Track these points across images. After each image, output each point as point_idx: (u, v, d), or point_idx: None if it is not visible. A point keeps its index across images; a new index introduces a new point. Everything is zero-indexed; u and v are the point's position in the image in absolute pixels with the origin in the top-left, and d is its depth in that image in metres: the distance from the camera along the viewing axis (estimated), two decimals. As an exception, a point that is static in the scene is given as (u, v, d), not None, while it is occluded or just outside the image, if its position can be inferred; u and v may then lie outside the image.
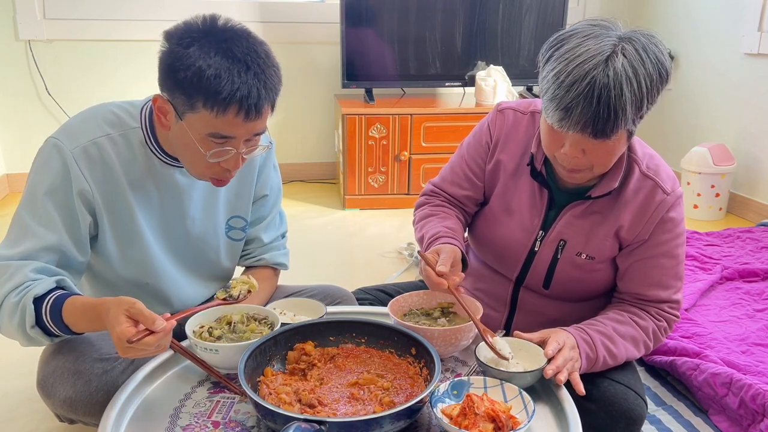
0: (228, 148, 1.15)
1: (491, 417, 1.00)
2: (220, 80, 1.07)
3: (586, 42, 1.12)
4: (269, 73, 1.13)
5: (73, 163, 1.19)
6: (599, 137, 1.14)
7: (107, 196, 1.24)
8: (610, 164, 1.24)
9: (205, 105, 1.09)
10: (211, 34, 1.11)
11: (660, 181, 1.30)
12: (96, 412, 1.19)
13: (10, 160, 3.48)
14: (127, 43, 3.42)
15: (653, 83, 1.13)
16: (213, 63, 1.08)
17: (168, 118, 1.17)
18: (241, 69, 1.09)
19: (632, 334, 1.31)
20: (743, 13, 3.16)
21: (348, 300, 1.52)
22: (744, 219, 3.23)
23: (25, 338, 1.17)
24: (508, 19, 3.40)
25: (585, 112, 1.11)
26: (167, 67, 1.11)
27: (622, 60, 1.10)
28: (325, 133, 3.78)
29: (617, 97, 1.10)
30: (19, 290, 1.14)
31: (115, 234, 1.27)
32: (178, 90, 1.11)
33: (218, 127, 1.11)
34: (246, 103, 1.09)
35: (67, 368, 1.22)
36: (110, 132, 1.23)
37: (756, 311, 2.07)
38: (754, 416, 1.52)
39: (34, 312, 1.13)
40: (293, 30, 3.58)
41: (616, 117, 1.11)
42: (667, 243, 1.32)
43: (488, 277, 1.50)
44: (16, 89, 3.37)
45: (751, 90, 3.16)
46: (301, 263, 2.67)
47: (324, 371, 1.15)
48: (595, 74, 1.09)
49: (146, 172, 1.26)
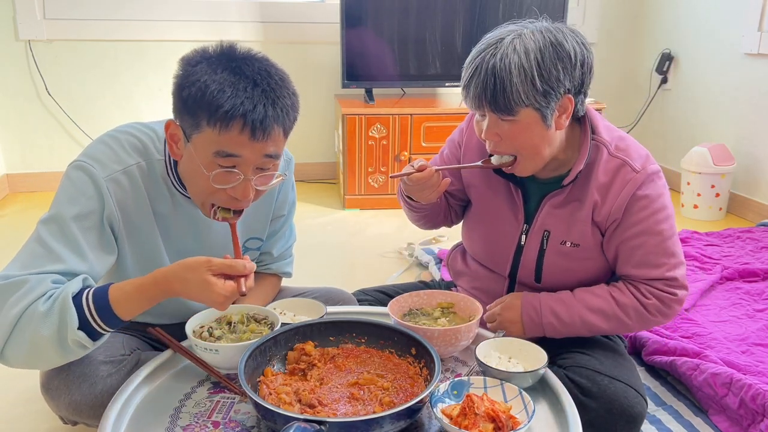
0: (234, 171, 1.09)
1: (491, 417, 1.00)
2: (223, 94, 1.03)
3: (491, 33, 1.26)
4: (280, 94, 1.08)
5: (106, 191, 1.14)
6: (499, 112, 1.23)
7: (133, 225, 1.21)
8: (533, 150, 1.28)
9: (208, 122, 1.05)
10: (223, 55, 1.08)
11: (629, 160, 1.31)
12: (100, 415, 1.18)
13: (10, 160, 3.48)
14: (127, 43, 3.42)
15: (544, 59, 1.20)
16: (218, 78, 1.04)
17: (179, 146, 1.14)
18: (248, 85, 1.05)
19: (601, 307, 1.33)
20: (743, 13, 3.16)
21: (349, 302, 1.52)
22: (744, 219, 3.23)
23: (60, 347, 1.04)
24: (508, 19, 3.37)
25: (477, 87, 1.23)
26: (176, 87, 1.08)
27: (514, 39, 1.22)
28: (325, 133, 3.78)
29: (502, 69, 1.19)
30: (48, 296, 1.04)
31: (137, 260, 1.24)
32: (184, 110, 1.07)
33: (222, 144, 1.06)
34: (250, 118, 1.04)
35: (71, 371, 1.20)
36: (139, 161, 1.19)
37: (756, 311, 2.07)
38: (754, 416, 1.52)
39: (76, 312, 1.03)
40: (293, 30, 3.58)
41: (503, 88, 1.20)
42: (646, 220, 1.31)
43: (484, 276, 1.52)
44: (16, 89, 3.37)
45: (751, 90, 3.16)
46: (301, 263, 2.67)
47: (324, 371, 1.15)
48: (485, 53, 1.23)
49: (168, 203, 1.24)
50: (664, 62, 3.68)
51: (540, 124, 1.24)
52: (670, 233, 1.33)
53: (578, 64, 1.23)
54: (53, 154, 3.48)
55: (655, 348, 1.80)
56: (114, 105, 3.46)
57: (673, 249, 1.33)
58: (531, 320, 1.35)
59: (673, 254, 1.33)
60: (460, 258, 1.61)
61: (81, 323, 1.04)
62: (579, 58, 1.23)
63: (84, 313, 1.04)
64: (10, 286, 1.04)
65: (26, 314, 1.03)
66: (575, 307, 1.34)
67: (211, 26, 3.45)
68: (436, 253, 2.54)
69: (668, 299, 1.33)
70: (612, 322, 1.34)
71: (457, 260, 1.62)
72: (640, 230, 1.31)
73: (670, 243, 1.32)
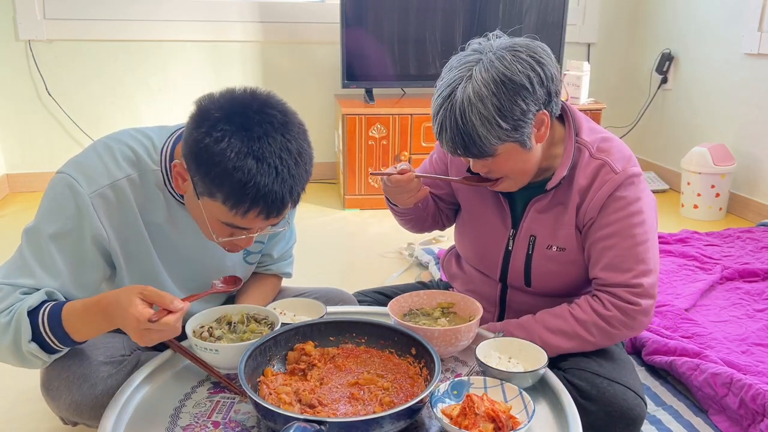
0: (241, 237, 1.13)
1: (491, 417, 1.00)
2: (246, 188, 1.02)
3: (448, 74, 1.23)
4: (298, 173, 1.07)
5: (91, 208, 1.13)
6: (477, 158, 1.25)
7: (124, 239, 1.20)
8: (522, 172, 1.29)
9: (225, 202, 1.05)
10: (245, 129, 1.03)
11: (610, 161, 1.30)
12: (100, 416, 1.19)
13: (10, 160, 3.48)
14: (127, 43, 3.42)
15: (502, 101, 1.18)
16: (242, 166, 1.01)
17: (185, 185, 1.13)
18: (271, 174, 1.03)
19: (560, 327, 1.32)
20: (743, 13, 3.16)
21: (349, 303, 1.53)
22: (744, 219, 3.22)
23: (18, 357, 1.11)
24: (508, 19, 3.40)
25: (449, 140, 1.23)
26: (193, 150, 1.05)
27: (466, 86, 1.19)
28: (325, 133, 3.78)
29: (465, 124, 1.20)
30: (9, 310, 1.09)
31: (132, 274, 1.24)
32: (201, 175, 1.05)
33: (235, 221, 1.08)
34: (267, 207, 1.05)
35: (72, 372, 1.20)
36: (130, 173, 1.17)
37: (756, 311, 2.07)
38: (754, 416, 1.52)
39: (30, 325, 1.07)
40: (293, 30, 3.58)
41: (473, 140, 1.21)
42: (620, 222, 1.29)
43: (477, 279, 1.52)
44: (16, 89, 3.37)
45: (751, 90, 3.16)
46: (301, 263, 2.66)
47: (324, 371, 1.15)
48: (445, 106, 1.22)
49: (163, 212, 1.22)
50: (664, 62, 3.68)
51: (521, 151, 1.26)
52: (642, 239, 1.29)
53: (537, 86, 1.20)
54: (53, 154, 3.48)
55: (655, 348, 1.80)
56: (114, 105, 3.46)
57: (644, 255, 1.29)
58: None
59: (643, 261, 1.29)
60: (455, 261, 1.61)
61: (35, 336, 1.08)
62: (537, 81, 1.20)
63: (38, 328, 1.08)
64: None
65: None
66: (535, 330, 1.32)
67: (212, 26, 3.45)
68: (436, 253, 2.54)
69: (631, 310, 1.28)
70: (574, 341, 1.31)
71: (451, 263, 1.62)
72: (613, 231, 1.29)
73: (641, 249, 1.29)
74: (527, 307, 1.44)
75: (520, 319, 1.37)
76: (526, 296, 1.45)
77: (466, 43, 1.28)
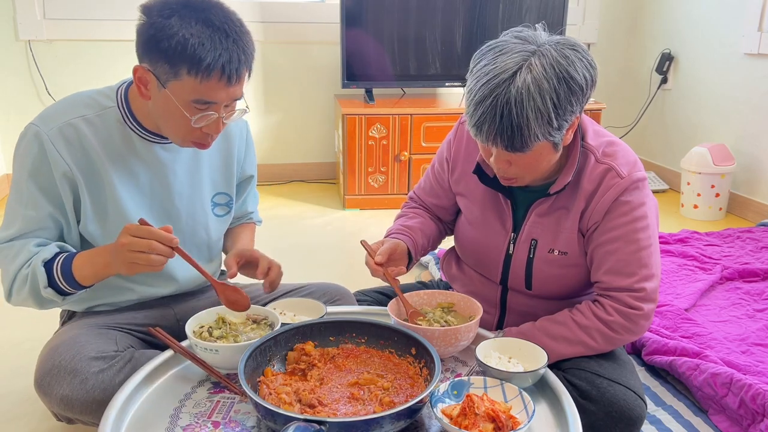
0: (211, 113, 1.20)
1: (491, 417, 1.00)
2: (204, 48, 1.13)
3: (497, 59, 1.16)
4: (246, 40, 1.19)
5: (50, 144, 1.23)
6: (513, 151, 1.18)
7: (87, 175, 1.28)
8: (540, 172, 1.27)
9: (189, 72, 1.14)
10: (188, 6, 1.16)
11: (616, 165, 1.30)
12: (92, 411, 1.20)
13: (11, 160, 3.47)
14: (127, 43, 3.42)
15: (560, 98, 1.14)
16: (195, 32, 1.13)
17: (149, 88, 1.21)
18: (222, 36, 1.15)
19: (562, 334, 1.32)
20: (743, 13, 3.16)
21: (347, 298, 1.53)
22: (744, 219, 3.23)
23: (38, 301, 1.26)
24: (508, 19, 3.40)
25: (491, 128, 1.16)
26: (149, 38, 1.16)
27: (525, 76, 1.13)
28: (325, 133, 3.78)
29: (519, 115, 1.13)
30: (28, 264, 1.23)
31: (97, 213, 1.31)
32: (162, 59, 1.15)
33: (202, 93, 1.17)
34: (228, 68, 1.15)
35: (63, 367, 1.22)
36: (85, 113, 1.28)
37: (756, 311, 2.07)
38: (754, 416, 1.52)
39: (46, 274, 1.22)
40: (293, 30, 3.58)
41: (521, 133, 1.15)
42: (624, 227, 1.29)
43: (477, 281, 1.52)
44: (16, 89, 3.37)
45: (751, 90, 3.16)
46: (300, 263, 2.68)
47: (324, 371, 1.15)
48: (498, 92, 1.14)
49: (127, 149, 1.30)
50: (664, 62, 3.69)
51: (550, 151, 1.23)
52: (646, 243, 1.29)
53: (588, 90, 1.19)
54: (53, 154, 3.48)
55: (655, 348, 1.80)
56: (114, 105, 3.46)
57: (647, 260, 1.29)
58: None
59: (646, 266, 1.29)
60: (454, 263, 1.60)
61: (51, 283, 1.24)
62: (589, 84, 1.18)
63: (52, 275, 1.23)
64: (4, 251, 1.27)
65: (17, 277, 1.25)
66: (536, 338, 1.31)
67: (211, 26, 3.45)
68: (436, 253, 2.54)
69: (633, 315, 1.29)
70: (577, 346, 1.31)
71: (451, 265, 1.61)
72: (617, 236, 1.29)
73: (644, 254, 1.29)
74: (528, 308, 1.44)
75: (521, 327, 1.36)
76: (527, 298, 1.45)
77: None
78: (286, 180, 3.80)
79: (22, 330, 2.00)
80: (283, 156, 3.76)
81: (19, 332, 2.00)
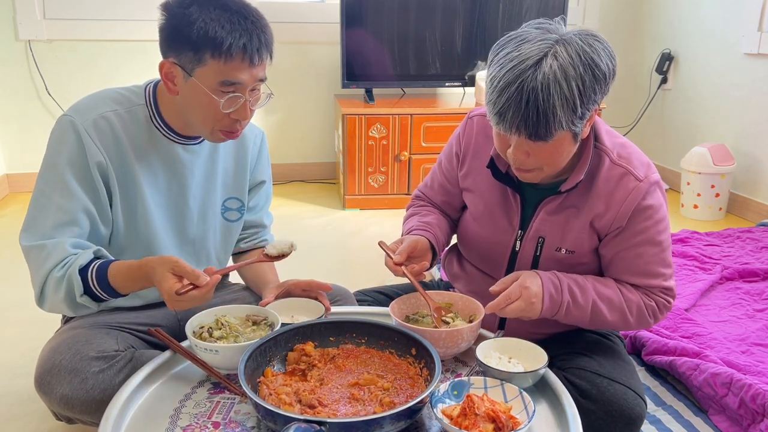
0: (238, 95, 1.23)
1: (491, 417, 1.00)
2: (224, 29, 1.18)
3: (521, 46, 1.16)
4: (263, 23, 1.25)
5: (86, 135, 1.26)
6: (536, 139, 1.17)
7: (118, 168, 1.30)
8: (558, 164, 1.26)
9: (213, 55, 1.19)
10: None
11: (632, 168, 1.30)
12: (92, 411, 1.20)
13: (10, 160, 3.48)
14: (127, 43, 3.42)
15: (585, 86, 1.15)
16: (215, 16, 1.19)
17: (176, 82, 1.25)
18: (240, 18, 1.20)
19: (610, 296, 1.32)
20: (743, 13, 3.16)
21: (347, 297, 1.53)
22: (744, 219, 3.23)
23: (72, 307, 1.26)
24: (508, 19, 3.40)
25: (516, 115, 1.14)
26: (172, 30, 1.21)
27: (552, 62, 1.13)
28: (325, 133, 3.78)
29: (545, 101, 1.12)
30: (62, 265, 1.23)
31: (124, 207, 1.33)
32: (186, 48, 1.20)
33: (227, 74, 1.21)
34: (249, 47, 1.21)
35: (63, 366, 1.22)
36: (117, 108, 1.31)
37: (756, 311, 2.07)
38: (754, 416, 1.52)
39: (81, 282, 1.22)
40: (293, 30, 3.58)
41: (547, 119, 1.14)
42: (648, 230, 1.31)
43: (479, 279, 1.51)
44: (16, 89, 3.37)
45: (751, 90, 3.16)
46: (300, 263, 2.67)
47: (324, 372, 1.15)
48: (524, 78, 1.13)
49: (152, 147, 1.33)
50: (664, 62, 3.69)
51: (571, 142, 1.22)
52: (667, 244, 1.34)
53: (609, 79, 1.19)
54: (53, 154, 3.48)
55: (655, 348, 1.80)
56: (114, 105, 3.46)
57: (669, 260, 1.35)
58: (551, 297, 1.28)
59: (669, 265, 1.35)
60: (456, 261, 1.59)
61: (86, 290, 1.23)
62: (611, 73, 1.19)
63: (88, 282, 1.23)
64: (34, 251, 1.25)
65: (49, 278, 1.24)
66: (589, 291, 1.32)
67: (211, 26, 3.45)
68: (436, 253, 2.54)
69: (663, 305, 1.36)
70: (616, 314, 1.32)
71: (453, 263, 1.60)
72: (642, 240, 1.31)
73: (667, 254, 1.34)
74: None
75: (573, 275, 1.34)
76: None
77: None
78: (286, 180, 3.80)
79: (22, 330, 2.00)
80: (283, 156, 3.76)
81: (19, 332, 2.00)
